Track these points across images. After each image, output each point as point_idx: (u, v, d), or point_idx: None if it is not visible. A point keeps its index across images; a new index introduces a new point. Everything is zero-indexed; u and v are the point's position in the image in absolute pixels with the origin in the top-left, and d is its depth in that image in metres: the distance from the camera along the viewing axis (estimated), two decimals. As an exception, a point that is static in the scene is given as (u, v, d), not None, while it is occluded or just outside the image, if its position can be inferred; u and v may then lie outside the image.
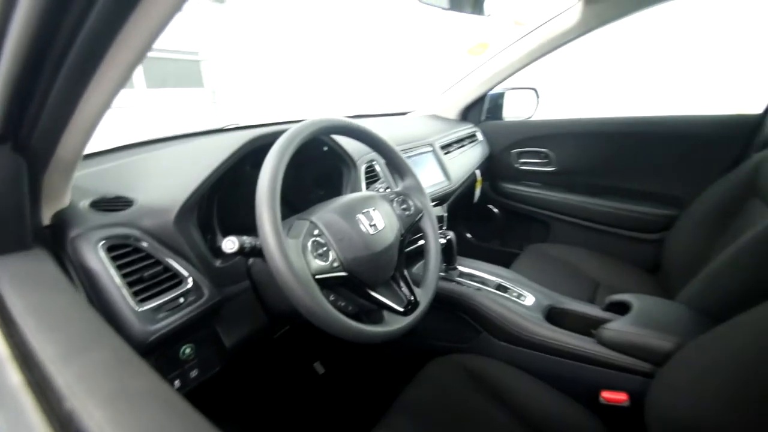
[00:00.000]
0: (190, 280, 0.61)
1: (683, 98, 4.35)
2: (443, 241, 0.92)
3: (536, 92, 1.68)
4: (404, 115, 1.71)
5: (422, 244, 0.79)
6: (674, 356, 0.65)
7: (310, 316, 0.51)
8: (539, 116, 1.70)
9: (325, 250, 0.59)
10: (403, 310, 0.65)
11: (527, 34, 1.37)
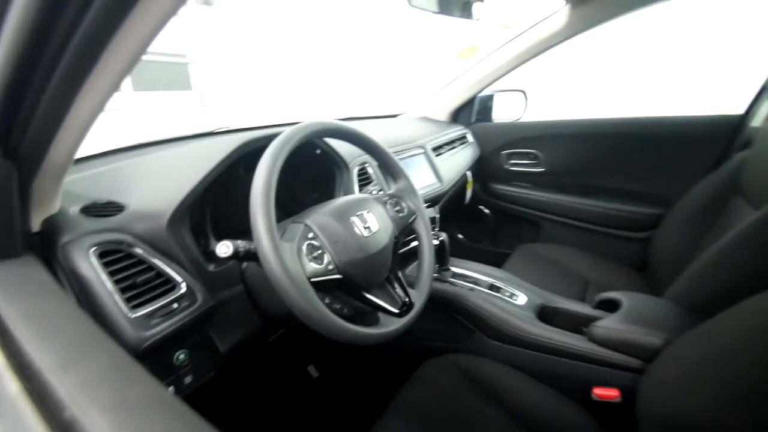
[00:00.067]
0: (183, 285, 0.60)
1: (669, 100, 4.44)
2: (436, 242, 0.92)
3: (525, 94, 1.70)
4: (395, 117, 1.71)
5: (415, 245, 0.79)
6: (663, 352, 0.67)
7: (305, 319, 0.51)
8: (528, 118, 1.73)
9: (319, 253, 0.59)
10: (398, 311, 0.66)
11: (515, 37, 1.39)
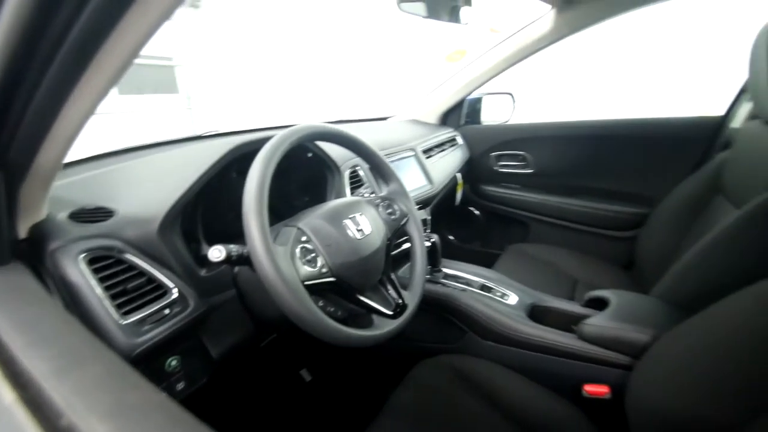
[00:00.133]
0: (175, 290, 0.60)
1: (653, 101, 4.55)
2: (428, 243, 0.93)
3: (512, 97, 1.72)
4: (385, 120, 1.72)
5: (407, 247, 0.80)
6: (651, 348, 0.68)
7: (299, 322, 0.51)
8: (515, 120, 1.75)
9: (313, 256, 0.59)
10: (392, 313, 0.66)
11: (503, 41, 1.42)
